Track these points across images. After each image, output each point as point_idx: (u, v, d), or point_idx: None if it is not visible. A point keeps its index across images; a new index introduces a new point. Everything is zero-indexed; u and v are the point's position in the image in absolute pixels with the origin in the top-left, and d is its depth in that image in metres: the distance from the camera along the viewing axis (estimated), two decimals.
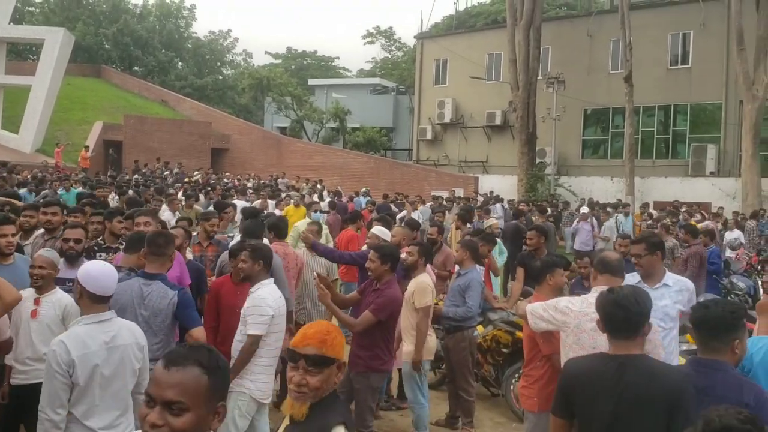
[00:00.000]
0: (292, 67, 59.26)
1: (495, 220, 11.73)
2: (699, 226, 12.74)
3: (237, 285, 5.24)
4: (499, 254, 9.50)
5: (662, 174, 26.64)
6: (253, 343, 4.60)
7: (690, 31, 26.78)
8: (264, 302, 4.64)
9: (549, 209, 17.64)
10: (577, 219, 17.01)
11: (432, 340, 6.19)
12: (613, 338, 3.02)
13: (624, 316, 2.97)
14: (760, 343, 3.34)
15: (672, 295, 4.60)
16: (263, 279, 4.82)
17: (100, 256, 5.86)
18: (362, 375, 5.24)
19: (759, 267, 12.82)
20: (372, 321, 5.11)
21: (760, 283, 10.74)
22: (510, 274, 10.65)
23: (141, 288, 4.33)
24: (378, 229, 7.10)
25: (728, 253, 13.61)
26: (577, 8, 36.15)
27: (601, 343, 3.73)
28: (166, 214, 10.45)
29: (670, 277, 4.78)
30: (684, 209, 20.23)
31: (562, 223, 19.50)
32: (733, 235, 14.86)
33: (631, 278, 4.58)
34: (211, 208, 12.74)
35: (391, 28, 61.38)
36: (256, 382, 4.64)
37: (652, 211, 20.12)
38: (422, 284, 5.85)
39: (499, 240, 9.86)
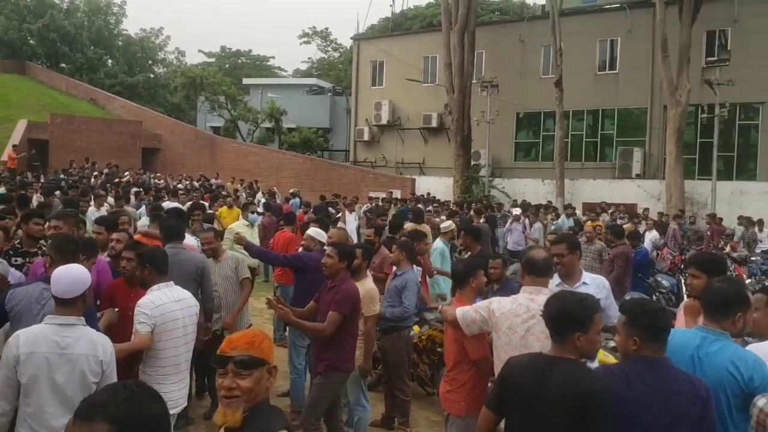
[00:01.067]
0: (226, 66, 58.31)
1: (451, 222, 11.90)
2: (625, 227, 13.19)
3: (131, 288, 5.01)
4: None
5: (591, 176, 27.44)
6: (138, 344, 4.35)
7: (617, 38, 27.68)
8: (142, 309, 4.39)
9: (486, 210, 17.95)
10: (510, 220, 17.35)
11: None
12: (552, 340, 3.09)
13: (557, 321, 3.03)
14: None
15: (591, 292, 4.72)
16: (156, 283, 4.59)
17: (16, 261, 5.61)
18: (323, 374, 5.21)
19: (682, 266, 13.36)
20: (339, 319, 5.09)
21: (683, 281, 11.18)
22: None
23: (41, 293, 4.02)
24: (314, 231, 7.05)
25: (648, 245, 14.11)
26: (510, 14, 36.91)
27: (532, 343, 3.82)
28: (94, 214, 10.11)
29: (588, 276, 4.96)
30: (611, 210, 20.93)
31: (496, 224, 19.82)
32: (651, 235, 15.42)
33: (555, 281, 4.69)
34: (143, 210, 12.48)
35: (327, 28, 61.38)
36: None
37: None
38: (370, 292, 5.80)
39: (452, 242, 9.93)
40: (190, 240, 7.02)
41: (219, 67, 53.31)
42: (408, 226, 10.22)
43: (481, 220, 14.83)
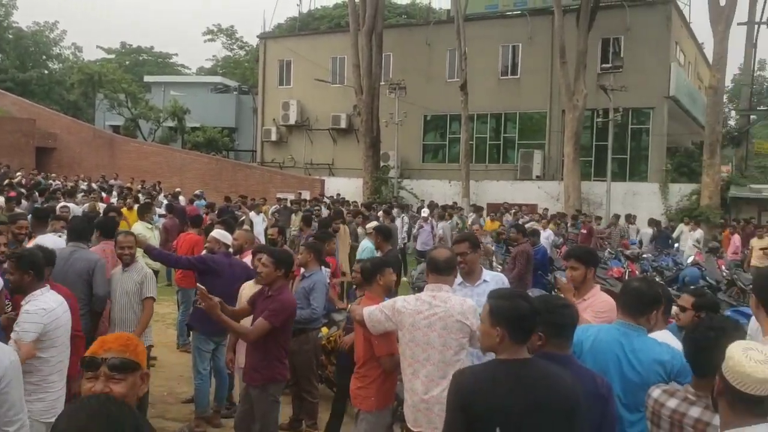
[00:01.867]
0: (127, 62, 56.18)
1: (376, 222, 11.98)
2: (526, 226, 13.65)
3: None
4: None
5: (494, 177, 28.21)
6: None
7: (519, 43, 28.59)
8: (33, 316, 4.11)
9: (395, 211, 18.16)
10: (418, 220, 17.59)
11: None
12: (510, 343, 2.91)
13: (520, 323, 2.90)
14: (589, 331, 3.59)
15: (492, 289, 4.88)
16: (36, 289, 4.28)
17: None
18: (260, 387, 5.06)
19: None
20: (266, 328, 4.90)
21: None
22: None
23: None
24: (218, 233, 6.90)
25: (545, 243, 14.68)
26: (416, 17, 37.44)
27: (434, 339, 3.89)
28: None
29: (488, 274, 5.11)
30: (514, 210, 21.62)
31: (403, 225, 20.05)
32: (546, 234, 16.03)
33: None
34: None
35: (233, 26, 59.90)
36: (42, 401, 4.13)
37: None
38: None
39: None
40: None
41: (119, 63, 51.28)
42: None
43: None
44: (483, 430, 2.77)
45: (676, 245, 18.07)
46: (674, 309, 4.42)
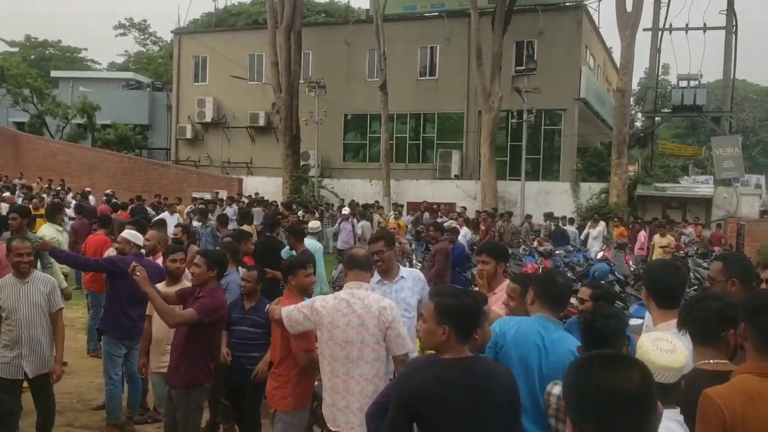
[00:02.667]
0: (32, 56, 53.55)
1: (318, 223, 11.90)
2: (446, 224, 13.87)
3: None
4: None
5: (414, 177, 28.51)
6: None
7: (437, 45, 28.98)
8: None
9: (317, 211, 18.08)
10: (339, 219, 17.59)
11: None
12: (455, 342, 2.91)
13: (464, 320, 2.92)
14: (511, 322, 3.69)
15: (409, 286, 5.02)
16: None
17: None
18: (183, 392, 4.90)
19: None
20: (193, 319, 4.75)
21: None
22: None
23: None
24: (129, 233, 6.66)
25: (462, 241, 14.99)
26: (336, 16, 37.37)
27: (352, 337, 3.89)
28: None
29: (404, 270, 5.19)
30: (422, 208, 21.99)
31: (324, 223, 20.03)
32: (464, 231, 16.37)
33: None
34: None
35: (145, 20, 58.06)
36: None
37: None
38: None
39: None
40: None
41: (23, 57, 48.70)
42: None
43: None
44: (431, 430, 2.78)
45: (576, 240, 18.76)
46: (573, 301, 4.62)
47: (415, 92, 28.94)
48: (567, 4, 28.04)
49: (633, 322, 5.29)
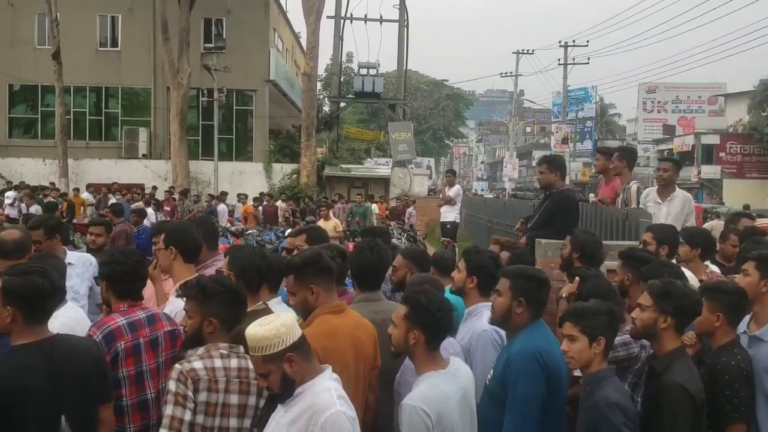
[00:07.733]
0: None
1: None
2: (133, 206, 13.08)
3: None
4: None
5: (96, 156, 26.49)
6: None
7: (119, 14, 27.16)
8: None
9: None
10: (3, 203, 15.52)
11: None
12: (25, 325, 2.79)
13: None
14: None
15: (78, 272, 4.66)
16: None
17: None
18: None
19: None
20: None
21: None
22: None
23: None
24: None
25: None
26: None
27: None
28: None
29: (72, 255, 4.88)
30: (124, 192, 20.54)
31: None
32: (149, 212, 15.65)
33: None
34: None
35: None
36: None
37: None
38: None
39: None
40: None
41: None
42: None
43: None
44: (14, 418, 2.56)
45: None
46: None
47: (95, 64, 26.74)
48: None
49: None
